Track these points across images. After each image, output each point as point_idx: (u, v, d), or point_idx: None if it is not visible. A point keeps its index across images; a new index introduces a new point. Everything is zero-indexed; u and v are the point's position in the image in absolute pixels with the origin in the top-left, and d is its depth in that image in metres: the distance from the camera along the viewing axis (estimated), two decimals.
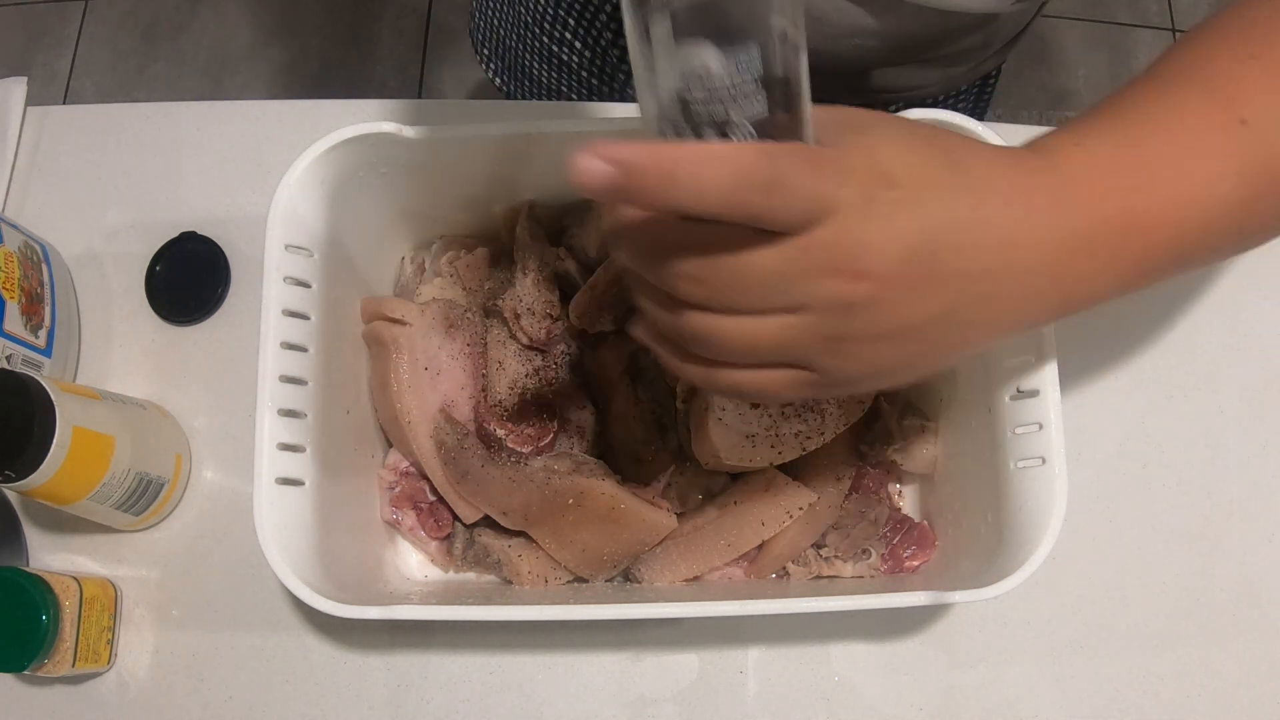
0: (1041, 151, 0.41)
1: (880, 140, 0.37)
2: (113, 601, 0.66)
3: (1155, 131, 0.41)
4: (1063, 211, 0.39)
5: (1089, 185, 0.40)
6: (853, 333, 0.37)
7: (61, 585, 0.62)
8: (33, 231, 0.70)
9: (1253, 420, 0.71)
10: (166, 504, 0.67)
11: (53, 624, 0.60)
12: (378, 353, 0.64)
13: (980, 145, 0.40)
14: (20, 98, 0.77)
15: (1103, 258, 0.41)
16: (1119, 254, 0.41)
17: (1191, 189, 0.41)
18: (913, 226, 0.36)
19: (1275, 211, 0.44)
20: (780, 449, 0.61)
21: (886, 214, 0.35)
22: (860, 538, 0.64)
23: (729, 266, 0.36)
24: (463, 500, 0.62)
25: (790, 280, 0.36)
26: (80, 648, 0.62)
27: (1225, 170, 0.41)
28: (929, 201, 0.36)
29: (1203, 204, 0.42)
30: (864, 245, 0.35)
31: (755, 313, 0.37)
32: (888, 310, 0.37)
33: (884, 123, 0.39)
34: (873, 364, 0.39)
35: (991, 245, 0.38)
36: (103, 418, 0.61)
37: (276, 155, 0.75)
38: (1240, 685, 0.66)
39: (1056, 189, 0.40)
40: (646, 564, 0.63)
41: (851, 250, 0.35)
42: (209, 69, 1.79)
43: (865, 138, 0.37)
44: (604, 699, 0.66)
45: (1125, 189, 0.40)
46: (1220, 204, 0.42)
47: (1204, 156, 0.41)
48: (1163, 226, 0.41)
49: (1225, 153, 0.41)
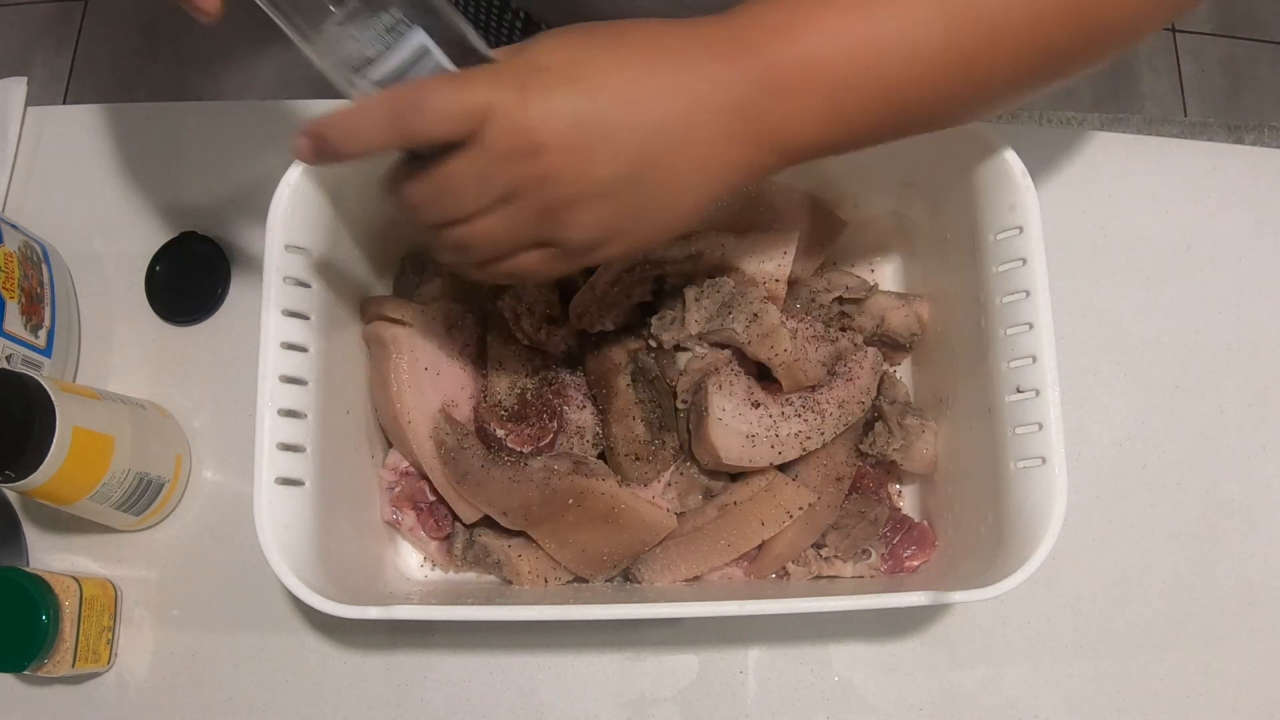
0: (724, 15, 0.44)
1: (536, 43, 0.42)
2: (113, 601, 0.66)
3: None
4: (740, 59, 0.42)
5: (766, 32, 0.43)
6: (558, 201, 0.42)
7: (61, 585, 0.62)
8: (33, 231, 0.70)
9: (1253, 420, 0.71)
10: (166, 504, 0.67)
11: (53, 624, 0.60)
12: (378, 353, 0.64)
13: (657, 23, 0.43)
14: (20, 98, 0.77)
15: (791, 101, 0.43)
16: (808, 96, 0.43)
17: (884, 32, 0.43)
18: (571, 97, 0.41)
19: (997, 55, 0.45)
20: (780, 449, 0.61)
21: (541, 95, 0.40)
22: (860, 538, 0.64)
23: (441, 184, 0.42)
24: (463, 500, 0.62)
25: (487, 177, 0.41)
26: (80, 648, 0.62)
27: (927, 15, 0.43)
28: (586, 75, 0.41)
29: (902, 47, 0.43)
30: (528, 126, 0.40)
31: (482, 212, 0.43)
32: (575, 174, 0.41)
33: (551, 32, 0.43)
34: (595, 226, 0.43)
35: (666, 100, 0.42)
36: (103, 418, 0.61)
37: (276, 155, 0.75)
38: (1240, 685, 0.66)
39: (733, 39, 0.43)
40: (646, 564, 0.62)
41: (519, 133, 0.40)
42: (209, 69, 1.79)
43: (524, 48, 0.42)
44: (604, 699, 0.66)
45: (808, 32, 0.43)
46: (925, 48, 0.43)
47: (897, 3, 0.43)
48: (855, 69, 0.43)
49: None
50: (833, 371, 0.64)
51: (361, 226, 0.63)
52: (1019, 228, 0.57)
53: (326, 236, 0.59)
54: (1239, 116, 1.54)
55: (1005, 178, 0.58)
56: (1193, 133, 0.78)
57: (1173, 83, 1.77)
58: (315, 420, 0.57)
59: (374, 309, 0.64)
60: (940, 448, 0.65)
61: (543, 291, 0.64)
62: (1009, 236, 0.57)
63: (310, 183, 0.58)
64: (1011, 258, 0.57)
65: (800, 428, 0.61)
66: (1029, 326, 0.56)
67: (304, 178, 0.57)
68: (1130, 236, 0.74)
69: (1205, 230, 0.74)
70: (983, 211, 0.59)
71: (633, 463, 0.63)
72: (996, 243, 0.58)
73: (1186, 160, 0.76)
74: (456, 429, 0.62)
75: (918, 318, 0.67)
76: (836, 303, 0.67)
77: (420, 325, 0.63)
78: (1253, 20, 1.81)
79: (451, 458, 0.62)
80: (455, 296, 0.67)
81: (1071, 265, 0.73)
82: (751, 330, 0.61)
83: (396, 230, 0.69)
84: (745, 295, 0.62)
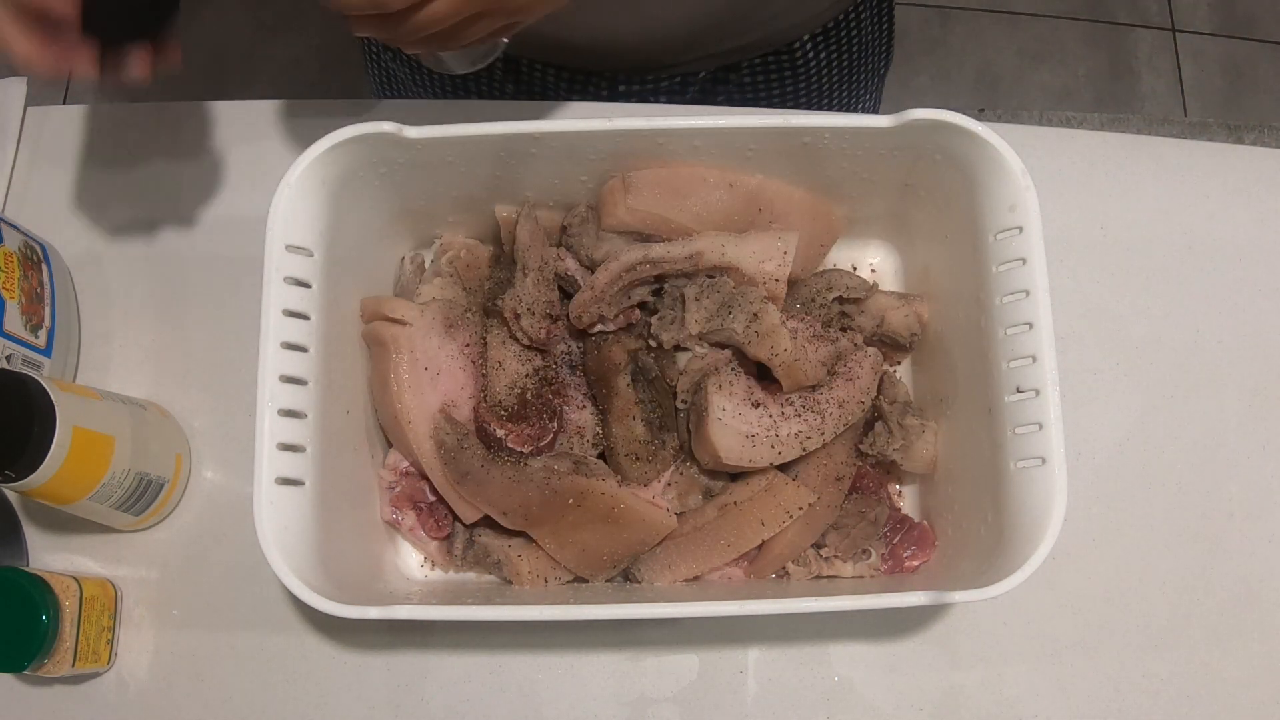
0: None
1: None
2: (113, 601, 0.66)
3: None
4: None
5: None
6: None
7: (62, 585, 0.62)
8: (33, 231, 0.70)
9: (1253, 420, 0.71)
10: (166, 504, 0.67)
11: (53, 624, 0.60)
12: (378, 353, 0.64)
13: None
14: (20, 98, 0.77)
15: None
16: None
17: None
18: None
19: None
20: (780, 449, 0.61)
21: None
22: (860, 538, 0.64)
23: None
24: (463, 500, 0.62)
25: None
26: (80, 648, 0.62)
27: None
28: None
29: None
30: None
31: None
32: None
33: None
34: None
35: None
36: (103, 418, 0.61)
37: (276, 155, 0.75)
38: (1240, 685, 0.66)
39: None
40: (646, 564, 0.63)
41: None
42: (209, 69, 1.79)
43: None
44: (604, 699, 0.66)
45: None
46: None
47: None
48: None
49: None
50: (833, 371, 0.64)
51: (361, 226, 0.63)
52: (1019, 228, 0.57)
53: (326, 236, 0.59)
54: (1239, 116, 1.54)
55: (1005, 178, 0.58)
56: (1193, 133, 0.78)
57: (1173, 83, 1.77)
58: (315, 420, 0.57)
59: (374, 309, 0.64)
60: (940, 448, 0.65)
61: (543, 291, 0.64)
62: (1009, 236, 0.57)
63: (310, 183, 0.58)
64: (1011, 258, 0.57)
65: (800, 428, 0.61)
66: (1029, 326, 0.56)
67: (304, 178, 0.57)
68: (1130, 236, 0.74)
69: (1205, 230, 0.74)
70: (983, 211, 0.59)
71: (633, 463, 0.63)
72: (996, 243, 0.58)
73: (1186, 160, 0.76)
74: (456, 429, 0.62)
75: (918, 318, 0.67)
76: (836, 303, 0.67)
77: (420, 325, 0.63)
78: (1253, 20, 1.81)
79: (451, 458, 0.62)
80: (455, 296, 0.67)
81: (1071, 265, 0.73)
82: (751, 330, 0.61)
83: (397, 230, 0.69)
84: (745, 295, 0.62)
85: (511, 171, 0.63)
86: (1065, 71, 1.77)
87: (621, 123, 0.59)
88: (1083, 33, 1.80)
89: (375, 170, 0.61)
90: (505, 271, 0.67)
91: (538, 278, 0.64)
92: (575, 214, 0.66)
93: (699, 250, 0.62)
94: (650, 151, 0.61)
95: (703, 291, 0.62)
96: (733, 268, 0.63)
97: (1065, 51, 1.79)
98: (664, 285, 0.64)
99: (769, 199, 0.65)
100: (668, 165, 0.63)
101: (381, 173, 0.61)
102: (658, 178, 0.63)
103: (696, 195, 0.63)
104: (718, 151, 0.62)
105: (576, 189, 0.65)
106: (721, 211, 0.64)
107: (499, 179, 0.64)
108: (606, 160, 0.62)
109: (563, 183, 0.65)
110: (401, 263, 0.70)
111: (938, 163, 0.61)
